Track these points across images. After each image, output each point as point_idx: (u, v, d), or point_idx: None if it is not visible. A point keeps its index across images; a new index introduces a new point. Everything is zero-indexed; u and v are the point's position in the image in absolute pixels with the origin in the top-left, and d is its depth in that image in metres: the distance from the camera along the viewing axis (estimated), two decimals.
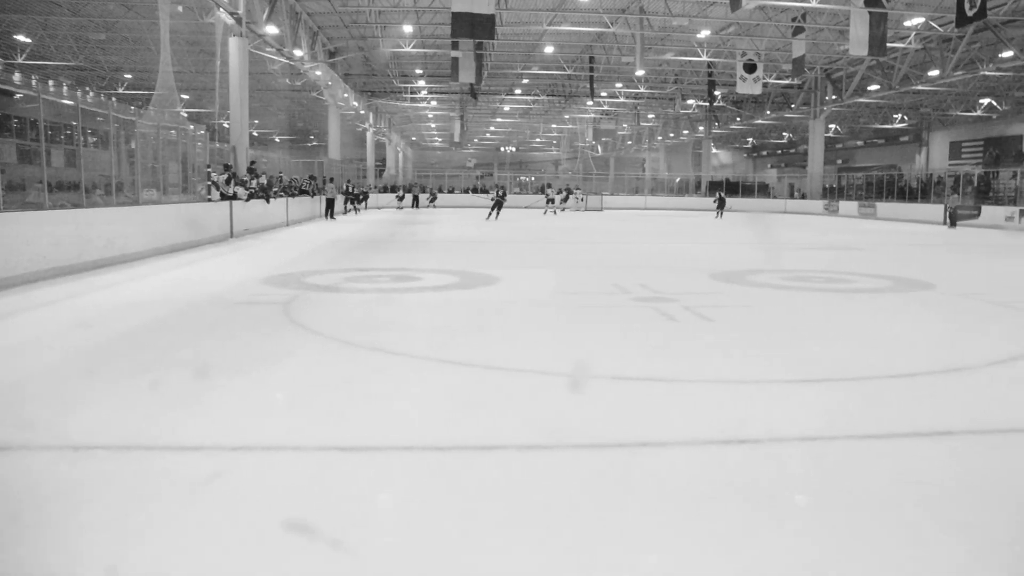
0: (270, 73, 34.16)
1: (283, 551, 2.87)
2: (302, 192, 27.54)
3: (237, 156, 21.98)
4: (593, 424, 4.39)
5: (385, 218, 30.44)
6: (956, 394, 5.20)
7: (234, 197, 18.90)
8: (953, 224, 28.60)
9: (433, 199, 44.08)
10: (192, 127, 18.23)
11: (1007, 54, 29.10)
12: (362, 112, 46.88)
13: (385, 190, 45.93)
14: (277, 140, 66.92)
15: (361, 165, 48.52)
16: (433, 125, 68.14)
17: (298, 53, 29.10)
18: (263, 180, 22.38)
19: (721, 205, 37.52)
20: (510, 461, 3.84)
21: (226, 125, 24.96)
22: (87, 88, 40.54)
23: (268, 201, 21.84)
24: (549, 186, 44.84)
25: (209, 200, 17.71)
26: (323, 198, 28.87)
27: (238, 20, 22.28)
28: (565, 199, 40.97)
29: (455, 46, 29.18)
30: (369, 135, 51.18)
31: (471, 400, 4.88)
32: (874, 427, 4.43)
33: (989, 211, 30.40)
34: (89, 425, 4.26)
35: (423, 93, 48.64)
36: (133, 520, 3.09)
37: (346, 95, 40.40)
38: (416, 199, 42.35)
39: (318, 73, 34.08)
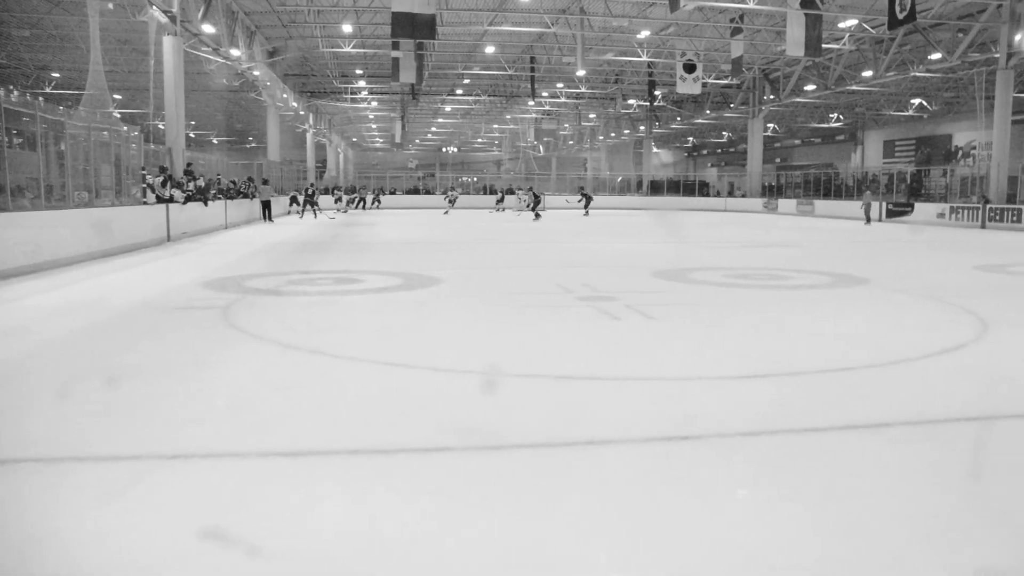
0: (207, 73, 33.47)
1: (196, 560, 2.80)
2: (241, 194, 27.04)
3: (173, 158, 21.49)
4: (539, 424, 4.38)
5: (327, 220, 30.08)
6: (893, 386, 5.31)
7: (170, 200, 18.48)
8: (868, 221, 29.42)
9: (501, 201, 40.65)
10: (125, 128, 17.76)
11: (935, 56, 30.01)
12: (302, 113, 46.26)
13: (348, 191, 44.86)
14: (215, 142, 65.61)
15: (301, 166, 47.86)
16: (374, 126, 67.61)
17: (235, 53, 28.56)
18: (200, 182, 21.93)
19: (587, 204, 37.08)
20: (455, 462, 3.81)
21: (161, 126, 24.39)
22: (11, 87, 39.23)
23: (206, 204, 21.40)
24: (452, 188, 44.27)
25: (144, 203, 17.29)
26: (260, 201, 28.26)
27: (172, 19, 21.78)
28: (500, 199, 40.95)
29: (395, 46, 28.98)
30: (309, 136, 50.53)
31: (415, 402, 4.82)
32: (815, 420, 4.50)
33: (921, 208, 31.31)
34: (19, 437, 4.10)
35: (363, 94, 48.20)
36: (43, 532, 2.98)
37: (285, 96, 39.82)
38: (363, 200, 41.43)
39: (256, 73, 33.53)
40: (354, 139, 78.76)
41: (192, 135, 56.09)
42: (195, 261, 13.96)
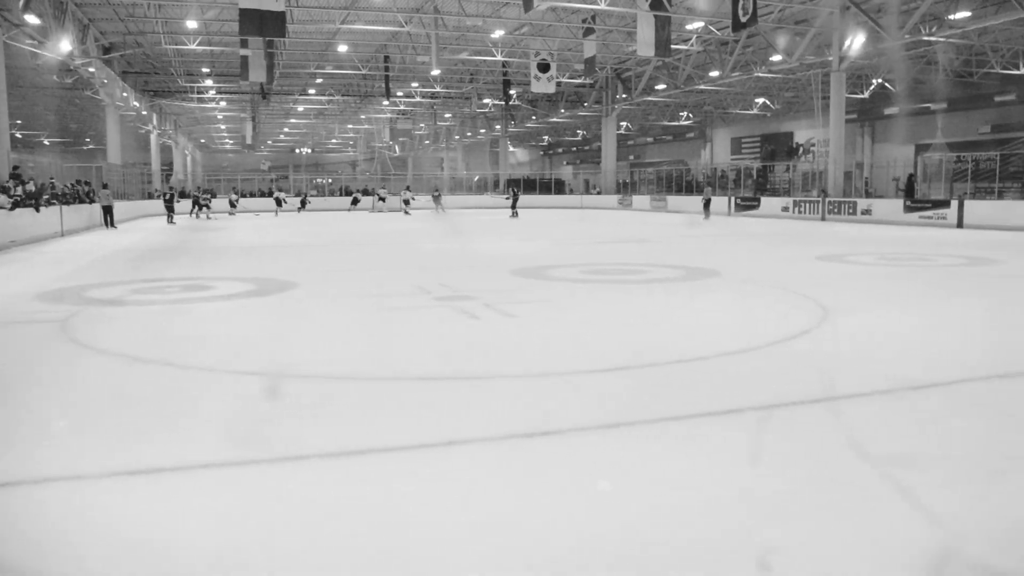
0: (34, 68, 31.20)
1: None
2: (79, 199, 25.43)
3: None
4: (400, 426, 4.32)
5: (177, 225, 28.75)
6: (744, 373, 5.56)
7: None
8: (707, 215, 30.84)
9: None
10: None
11: (776, 58, 31.73)
12: (144, 113, 44.01)
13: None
14: (46, 143, 61.41)
15: (146, 169, 45.53)
16: (224, 127, 65.23)
17: (65, 47, 26.71)
18: (31, 187, 20.48)
19: (382, 200, 39.41)
20: (312, 471, 3.71)
21: None
22: None
23: (37, 210, 20.01)
24: (280, 190, 43.40)
25: None
26: (100, 206, 26.58)
27: None
28: (355, 201, 40.75)
29: (244, 44, 28.00)
30: (153, 138, 48.17)
31: (271, 411, 4.67)
32: (671, 410, 4.65)
33: (767, 202, 33.06)
34: None
35: (211, 93, 46.39)
36: None
37: (125, 94, 37.75)
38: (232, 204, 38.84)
39: (91, 70, 31.60)
40: (202, 140, 75.79)
41: (18, 135, 52.29)
42: (26, 272, 13.01)
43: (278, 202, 39.72)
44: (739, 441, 4.09)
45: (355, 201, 41.24)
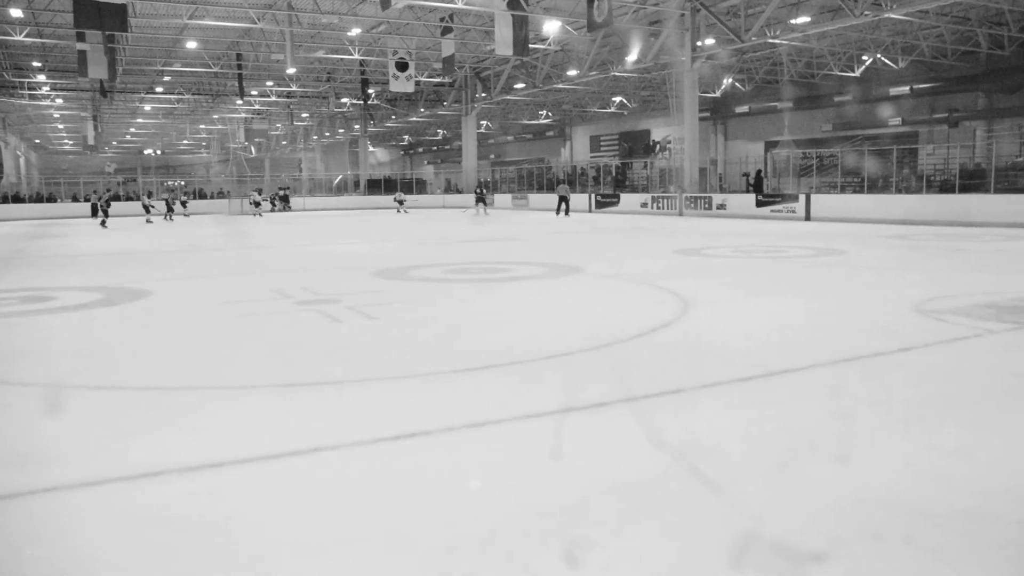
0: None
1: None
2: None
3: None
4: (263, 436, 4.20)
5: (7, 232, 26.87)
6: (608, 367, 5.70)
7: None
8: (564, 212, 31.47)
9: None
10: None
11: (632, 58, 32.66)
12: None
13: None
14: None
15: None
16: (61, 126, 61.34)
17: None
18: None
19: (169, 209, 34.82)
20: (172, 485, 3.55)
21: None
22: None
23: None
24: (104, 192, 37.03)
25: None
26: None
27: None
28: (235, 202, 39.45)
29: (81, 37, 26.39)
30: None
31: (128, 426, 4.43)
32: (537, 407, 4.71)
33: (627, 198, 34.01)
34: None
35: (45, 89, 43.49)
36: None
37: None
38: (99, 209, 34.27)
39: None
40: (37, 141, 71.09)
41: None
42: None
43: (256, 204, 38.21)
44: (605, 434, 4.19)
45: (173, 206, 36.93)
